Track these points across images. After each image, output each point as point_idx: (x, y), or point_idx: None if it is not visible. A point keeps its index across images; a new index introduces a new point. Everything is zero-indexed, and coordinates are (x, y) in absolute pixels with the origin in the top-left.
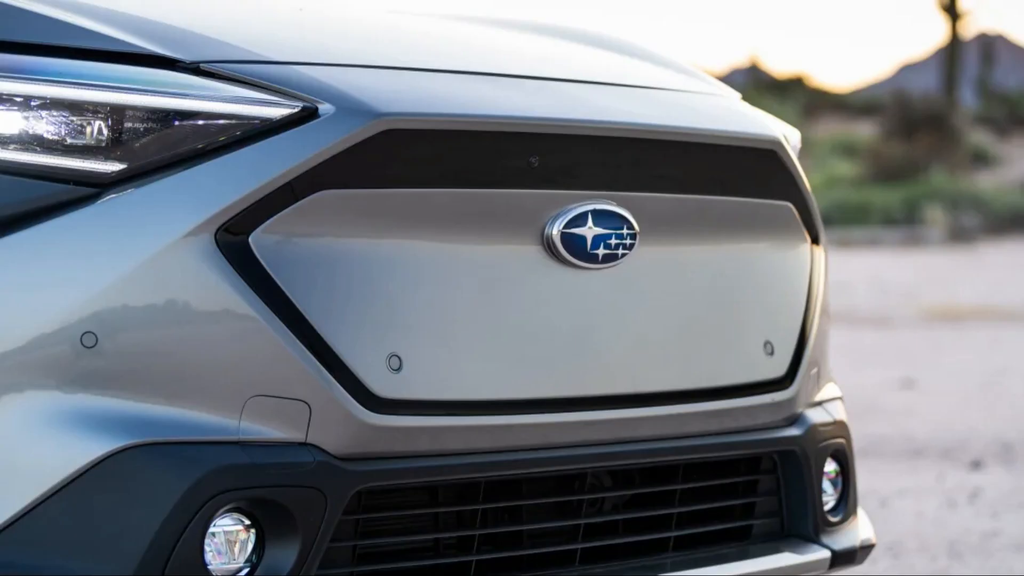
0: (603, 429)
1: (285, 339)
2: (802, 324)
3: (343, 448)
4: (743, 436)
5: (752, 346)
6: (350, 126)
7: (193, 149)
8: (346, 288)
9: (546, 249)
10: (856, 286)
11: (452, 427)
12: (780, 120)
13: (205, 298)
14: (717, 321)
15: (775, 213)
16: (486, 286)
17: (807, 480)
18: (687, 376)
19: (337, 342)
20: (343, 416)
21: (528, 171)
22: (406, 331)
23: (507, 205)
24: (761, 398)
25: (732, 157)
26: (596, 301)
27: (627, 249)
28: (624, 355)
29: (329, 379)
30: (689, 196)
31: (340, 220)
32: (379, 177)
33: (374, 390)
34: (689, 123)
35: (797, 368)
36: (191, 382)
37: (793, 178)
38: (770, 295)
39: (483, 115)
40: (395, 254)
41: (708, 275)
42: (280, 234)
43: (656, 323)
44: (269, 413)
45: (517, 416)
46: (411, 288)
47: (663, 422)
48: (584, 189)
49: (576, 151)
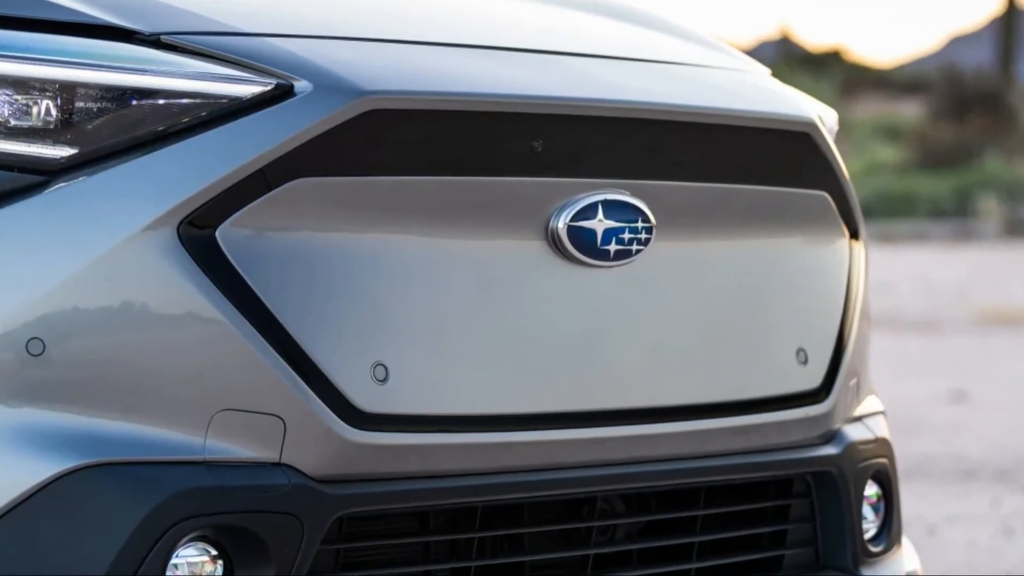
0: (615, 447)
1: (256, 346)
2: (839, 329)
3: (322, 469)
4: (773, 455)
5: (783, 354)
6: (330, 106)
7: (153, 132)
8: (325, 288)
9: (551, 244)
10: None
11: (445, 445)
12: (814, 99)
13: (166, 299)
14: (743, 326)
15: (809, 204)
16: (483, 286)
17: (845, 505)
18: (710, 388)
19: (315, 349)
20: (322, 433)
21: (531, 157)
22: (393, 337)
23: (507, 195)
24: (793, 412)
25: (760, 141)
26: (607, 303)
27: (642, 244)
28: (639, 364)
29: (306, 391)
30: (712, 185)
31: (319, 212)
32: (362, 163)
33: (357, 403)
34: (712, 103)
35: (834, 379)
36: (150, 395)
37: (829, 164)
38: (803, 296)
39: (480, 94)
40: (381, 250)
41: (733, 274)
42: (251, 227)
43: (675, 328)
44: (238, 429)
45: (518, 433)
46: (399, 289)
47: (683, 440)
48: (594, 177)
49: (585, 134)
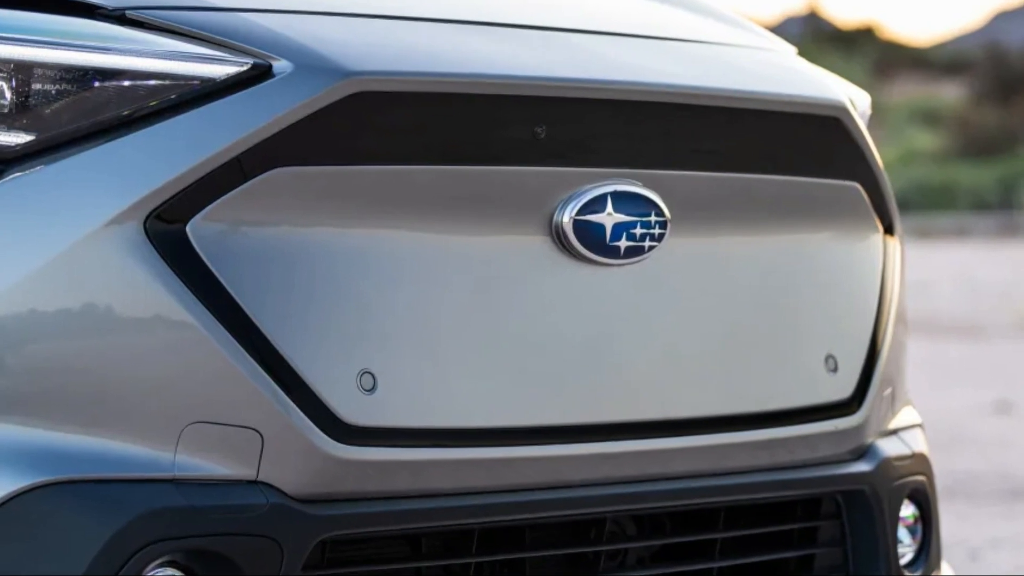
0: (626, 464)
1: (231, 352)
2: (872, 334)
3: (303, 487)
4: (800, 473)
5: (811, 361)
6: (311, 88)
7: (117, 117)
8: (307, 289)
9: (555, 240)
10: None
11: (439, 461)
12: (845, 80)
13: (132, 301)
14: (767, 330)
15: (839, 196)
16: (481, 287)
17: (879, 527)
18: (730, 398)
19: (295, 356)
20: (303, 448)
21: (533, 144)
22: (382, 342)
23: (507, 186)
24: (822, 425)
25: (785, 127)
26: (617, 305)
27: (655, 241)
28: (652, 372)
29: (285, 402)
30: (732, 175)
31: (300, 205)
32: (348, 151)
33: (342, 415)
34: (732, 84)
35: (866, 388)
36: (115, 406)
37: (861, 152)
38: (832, 298)
39: (477, 74)
40: (368, 247)
41: (756, 273)
42: (225, 222)
43: (691, 332)
44: (211, 444)
45: (519, 448)
46: (388, 290)
47: (700, 455)
48: (602, 166)
49: (592, 119)
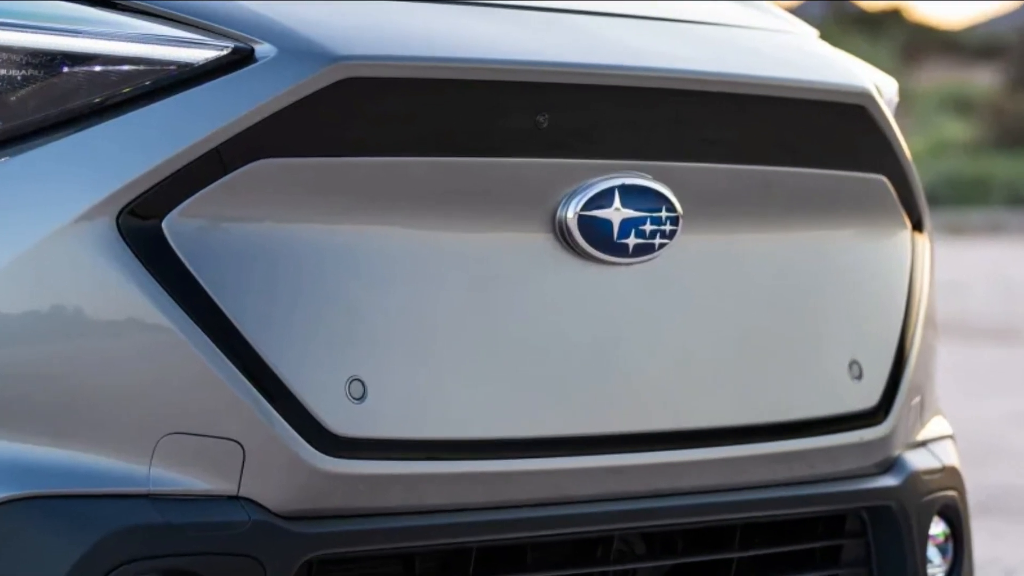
0: (635, 478)
1: (210, 357)
2: (900, 338)
3: (287, 503)
4: (821, 487)
5: (834, 367)
6: (297, 73)
7: (88, 105)
8: (292, 290)
9: (558, 237)
10: (972, 287)
11: (433, 475)
12: (870, 66)
13: (104, 303)
14: (786, 334)
15: (864, 190)
16: (479, 287)
17: (907, 546)
18: (746, 408)
19: (279, 362)
20: (287, 461)
21: (535, 134)
22: (372, 348)
23: (507, 179)
24: (845, 437)
25: (807, 115)
26: (625, 307)
27: (666, 238)
28: (662, 380)
29: (268, 411)
30: (749, 167)
31: (284, 199)
32: (336, 142)
33: (329, 426)
34: (750, 70)
35: (893, 397)
36: (86, 416)
37: (888, 142)
38: (857, 299)
39: (474, 59)
40: (358, 245)
41: (774, 273)
42: (204, 217)
43: (705, 337)
44: (189, 457)
45: (520, 460)
46: (379, 291)
47: (715, 469)
48: (609, 158)
49: (599, 107)
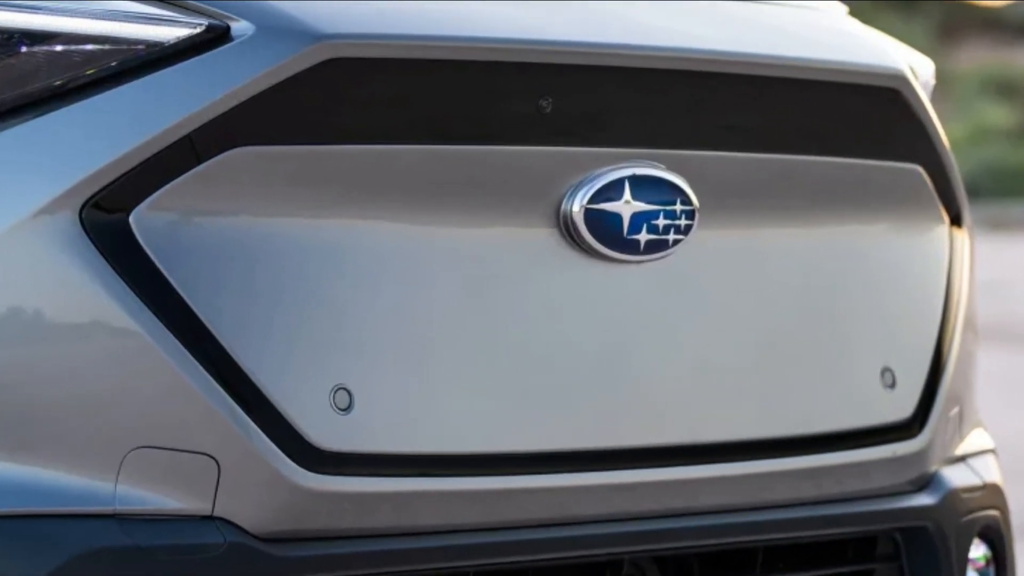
0: (647, 496)
1: (181, 364)
2: (937, 343)
3: (267, 523)
4: (851, 506)
5: (864, 375)
6: (277, 53)
7: (48, 88)
8: (272, 291)
9: (564, 233)
10: (1016, 286)
11: (426, 493)
12: (904, 45)
13: (65, 305)
14: (813, 339)
15: (897, 181)
16: (477, 288)
17: (944, 570)
18: (769, 419)
19: (257, 369)
20: (266, 477)
21: (537, 120)
22: (360, 354)
23: (507, 169)
24: (877, 451)
25: (835, 99)
26: (636, 309)
27: (681, 233)
28: (677, 389)
29: (246, 423)
30: (772, 156)
31: (264, 191)
32: (320, 128)
33: (312, 439)
34: (772, 49)
35: (929, 407)
36: (46, 428)
37: (923, 129)
38: (890, 301)
39: (471, 38)
40: (344, 241)
41: (799, 272)
42: (175, 211)
43: (724, 342)
44: (159, 473)
45: (521, 477)
46: (368, 291)
47: (734, 486)
48: (619, 146)
49: (607, 90)
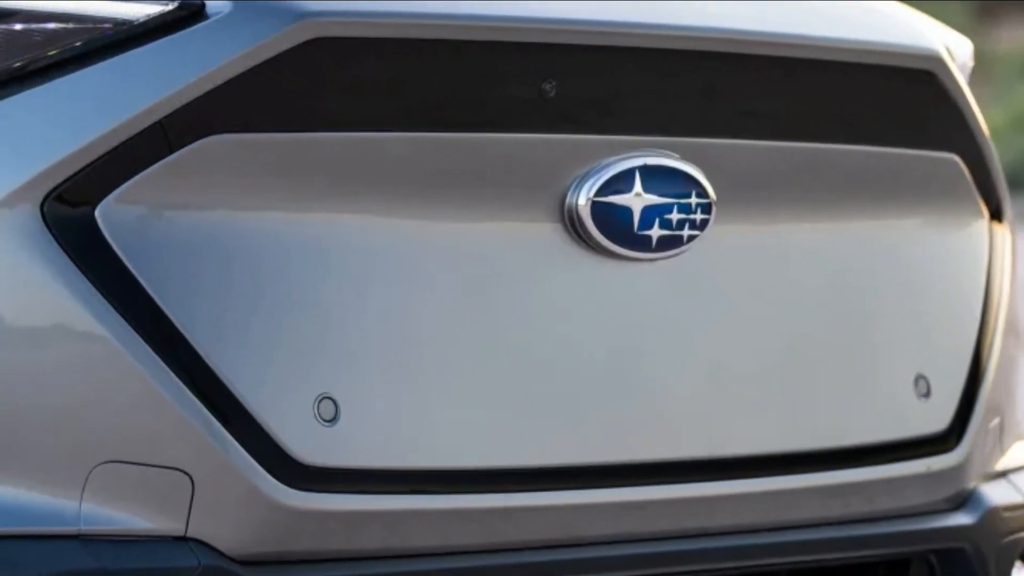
0: (660, 515)
1: (152, 371)
2: (975, 348)
3: (245, 545)
4: (882, 526)
5: (897, 383)
6: (256, 33)
7: (7, 70)
8: (251, 291)
9: (568, 228)
10: None
11: (419, 512)
12: (940, 24)
13: (25, 306)
14: (840, 344)
15: (932, 171)
16: (473, 288)
17: None
18: (794, 431)
19: (235, 377)
20: (245, 494)
21: (540, 105)
22: (346, 360)
23: (507, 159)
24: (910, 466)
25: (865, 82)
26: (648, 311)
27: (697, 228)
28: (693, 398)
29: (222, 435)
30: (795, 145)
31: (242, 182)
32: (304, 114)
33: (294, 453)
34: (796, 28)
35: (967, 418)
36: (3, 440)
37: (961, 115)
38: (925, 302)
39: (468, 16)
40: (329, 237)
41: (826, 271)
42: (145, 205)
43: (744, 347)
44: (128, 490)
45: (523, 494)
46: (355, 292)
47: (755, 504)
48: (629, 133)
49: (616, 73)
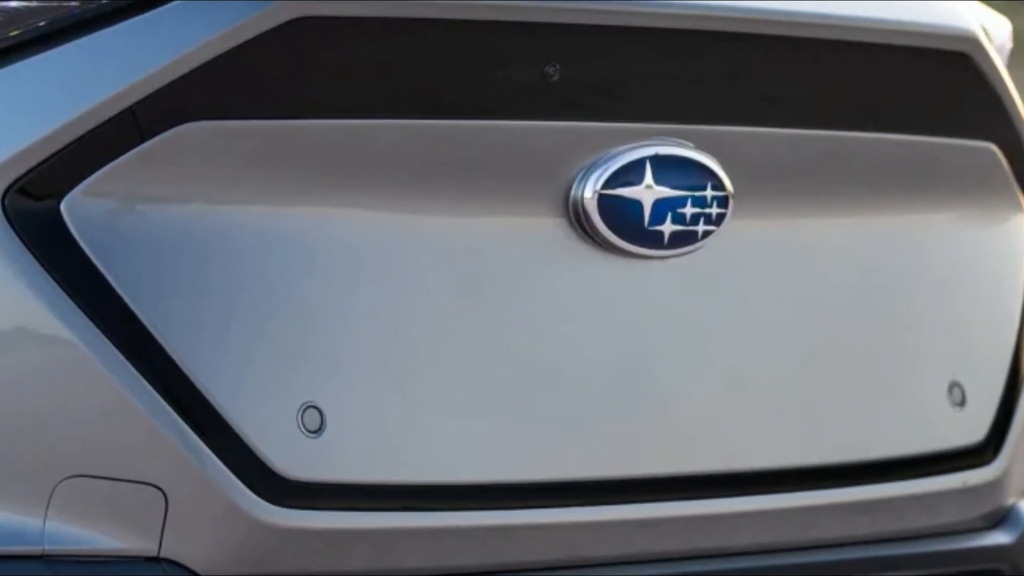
0: (672, 534)
1: (122, 378)
2: (1014, 353)
3: (223, 566)
4: (913, 546)
5: (929, 391)
6: (235, 12)
7: None
8: (230, 291)
9: (574, 223)
10: None
11: (411, 530)
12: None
13: None
14: (868, 348)
15: (968, 161)
16: (470, 287)
17: None
18: (817, 444)
19: (213, 384)
20: (223, 511)
21: (543, 89)
22: (333, 366)
23: (507, 148)
24: (944, 480)
25: (895, 65)
26: (660, 313)
27: (713, 224)
28: (709, 407)
29: (198, 447)
30: (820, 133)
31: (220, 173)
32: (286, 100)
33: (276, 467)
34: (820, 7)
35: (1006, 428)
36: None
37: (998, 100)
38: (959, 303)
39: None
40: (314, 233)
41: (852, 270)
42: (115, 198)
43: (763, 352)
44: (95, 506)
45: (524, 511)
46: (342, 292)
47: (775, 522)
48: (639, 120)
49: (624, 55)
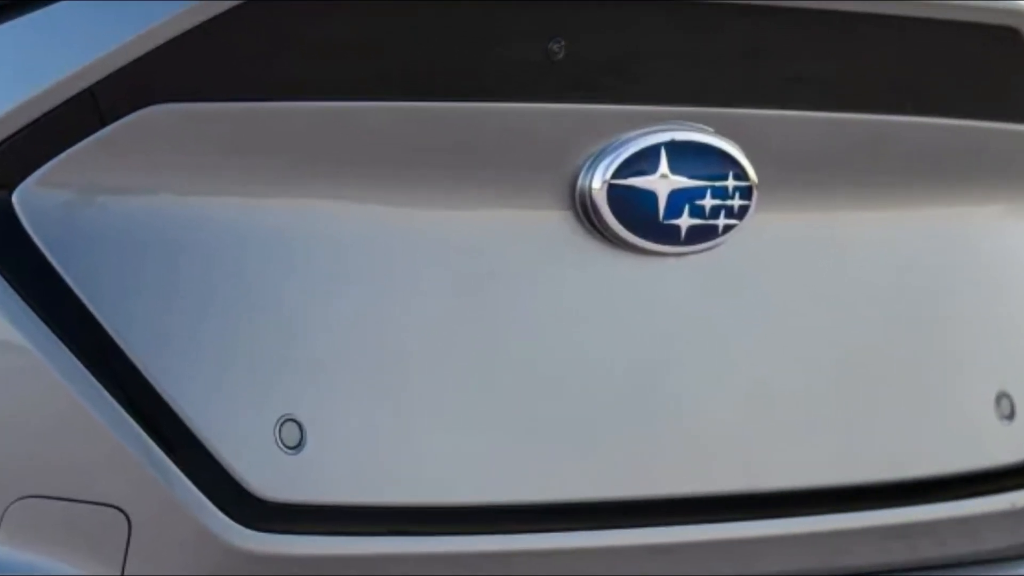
0: (690, 560)
1: (80, 388)
2: None
3: None
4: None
5: (974, 402)
6: None
7: None
8: (200, 293)
9: (581, 216)
10: None
11: (400, 556)
12: None
13: None
14: (907, 355)
15: (1016, 148)
16: (467, 287)
17: None
18: (850, 461)
19: (181, 395)
20: (192, 536)
21: (547, 68)
22: (314, 375)
23: (507, 133)
24: (991, 501)
25: (936, 42)
26: (677, 316)
27: (735, 217)
28: (730, 420)
29: (164, 465)
30: (853, 117)
31: (188, 161)
32: (262, 79)
33: (252, 487)
34: None
35: None
36: None
37: None
38: (1007, 306)
39: None
40: (294, 227)
41: (889, 268)
42: (72, 188)
43: (790, 359)
44: (52, 529)
45: (525, 536)
46: (324, 292)
47: (805, 547)
48: (652, 103)
49: (637, 31)
